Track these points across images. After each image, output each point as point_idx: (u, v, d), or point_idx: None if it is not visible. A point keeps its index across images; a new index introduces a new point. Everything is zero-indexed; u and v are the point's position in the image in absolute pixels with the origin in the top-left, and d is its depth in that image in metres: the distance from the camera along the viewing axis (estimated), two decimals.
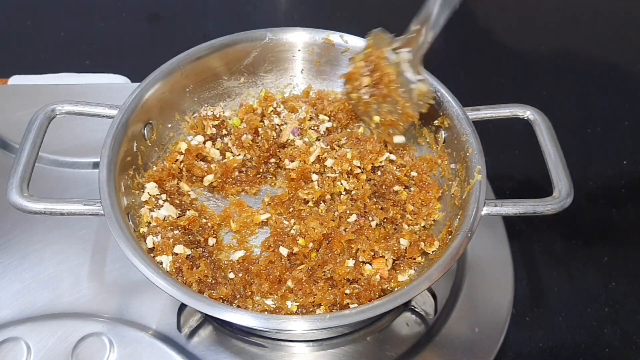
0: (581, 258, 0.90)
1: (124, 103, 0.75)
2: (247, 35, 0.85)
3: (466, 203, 0.69)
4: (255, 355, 0.73)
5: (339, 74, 0.88)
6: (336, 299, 0.68)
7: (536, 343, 0.81)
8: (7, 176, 0.67)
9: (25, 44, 1.19)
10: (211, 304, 0.61)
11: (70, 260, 0.80)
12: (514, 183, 0.99)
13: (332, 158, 0.79)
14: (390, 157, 0.82)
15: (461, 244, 0.65)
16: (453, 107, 0.77)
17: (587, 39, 1.27)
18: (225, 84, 0.88)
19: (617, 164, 1.03)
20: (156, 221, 0.73)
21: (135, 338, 0.72)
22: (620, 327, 0.83)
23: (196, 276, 0.68)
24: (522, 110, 0.77)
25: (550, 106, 1.10)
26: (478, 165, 0.71)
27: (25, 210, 0.66)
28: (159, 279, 0.62)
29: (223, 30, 0.86)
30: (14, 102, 0.97)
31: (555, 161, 0.71)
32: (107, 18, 1.25)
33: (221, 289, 0.68)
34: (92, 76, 1.04)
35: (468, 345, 0.75)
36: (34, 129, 0.72)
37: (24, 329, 0.72)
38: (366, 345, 0.74)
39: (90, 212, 0.66)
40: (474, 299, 0.80)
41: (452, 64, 1.20)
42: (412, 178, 0.81)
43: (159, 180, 0.77)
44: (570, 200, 0.67)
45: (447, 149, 0.79)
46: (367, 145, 0.80)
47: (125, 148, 0.74)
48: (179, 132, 0.85)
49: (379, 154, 0.79)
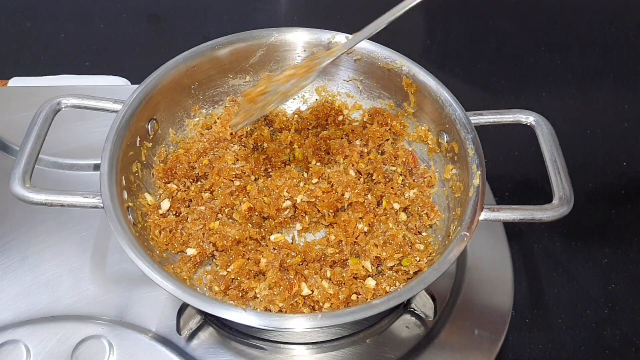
0: (581, 259, 0.90)
1: (129, 98, 0.76)
2: (254, 34, 0.85)
3: (465, 207, 0.69)
4: (254, 357, 0.73)
5: (344, 75, 0.89)
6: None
7: (536, 345, 0.81)
8: (7, 177, 0.67)
9: (25, 46, 1.19)
10: (207, 301, 0.61)
11: (70, 263, 0.80)
12: (513, 184, 0.99)
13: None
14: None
15: (458, 248, 0.65)
16: (455, 110, 0.77)
17: (587, 39, 1.27)
18: (230, 82, 0.88)
19: (617, 165, 1.03)
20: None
21: (135, 340, 0.72)
22: (620, 329, 0.83)
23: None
24: (525, 116, 0.77)
25: (550, 107, 1.11)
26: (478, 171, 0.71)
27: (27, 200, 0.66)
28: (156, 275, 0.62)
29: (223, 31, 0.86)
30: (14, 104, 0.97)
31: (556, 168, 0.71)
32: (107, 19, 1.25)
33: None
34: (92, 78, 1.04)
35: (468, 347, 0.75)
36: (39, 121, 0.72)
37: (24, 332, 0.71)
38: (365, 348, 0.74)
39: (90, 205, 0.67)
40: (474, 300, 0.80)
41: (452, 64, 1.20)
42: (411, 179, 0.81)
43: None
44: (569, 207, 0.67)
45: (449, 152, 0.79)
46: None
47: (128, 143, 0.74)
48: (182, 129, 0.86)
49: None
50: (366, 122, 0.88)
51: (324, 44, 0.86)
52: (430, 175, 0.83)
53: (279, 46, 0.86)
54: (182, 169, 0.80)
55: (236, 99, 0.89)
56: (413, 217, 0.79)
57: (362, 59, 0.86)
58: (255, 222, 0.77)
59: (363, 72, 0.88)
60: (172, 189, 0.79)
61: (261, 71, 0.89)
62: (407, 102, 0.85)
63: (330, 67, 0.88)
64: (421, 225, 0.78)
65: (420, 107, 0.84)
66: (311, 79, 0.73)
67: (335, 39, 0.85)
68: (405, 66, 0.82)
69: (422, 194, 0.81)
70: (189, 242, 0.74)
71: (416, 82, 0.82)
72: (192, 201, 0.79)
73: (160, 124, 0.82)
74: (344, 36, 0.85)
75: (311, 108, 0.90)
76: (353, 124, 0.88)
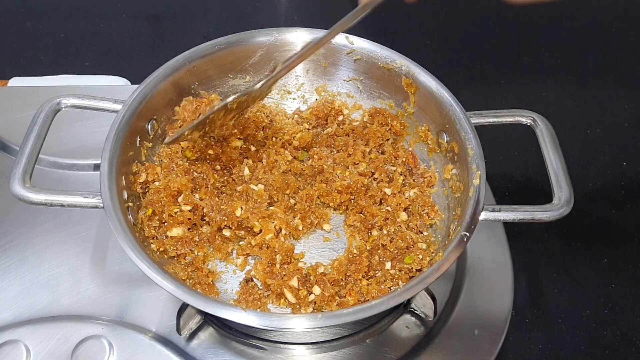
0: (581, 260, 0.90)
1: (129, 98, 0.76)
2: (254, 34, 0.85)
3: (465, 207, 0.69)
4: (254, 357, 0.73)
5: (344, 74, 0.89)
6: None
7: (536, 345, 0.81)
8: (7, 177, 0.67)
9: (25, 46, 1.19)
10: (207, 301, 0.61)
11: (70, 263, 0.80)
12: (513, 184, 0.99)
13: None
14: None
15: (458, 248, 0.65)
16: (455, 111, 0.77)
17: (587, 39, 1.27)
18: (230, 82, 0.88)
19: (617, 165, 1.03)
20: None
21: (135, 340, 0.72)
22: (619, 329, 0.83)
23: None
24: (525, 116, 0.77)
25: (550, 107, 1.10)
26: (478, 171, 0.71)
27: (27, 200, 0.66)
28: (156, 275, 0.62)
29: (223, 31, 0.86)
30: (14, 104, 0.97)
31: (556, 168, 0.71)
32: (107, 19, 1.25)
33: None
34: (92, 78, 1.04)
35: (468, 347, 0.75)
36: (39, 121, 0.72)
37: (24, 332, 0.71)
38: (366, 348, 0.74)
39: (90, 205, 0.67)
40: (474, 300, 0.80)
41: (452, 64, 1.20)
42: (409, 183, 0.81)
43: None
44: (569, 208, 0.67)
45: (449, 152, 0.79)
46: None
47: (128, 143, 0.74)
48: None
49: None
50: (366, 122, 0.88)
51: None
52: (430, 175, 0.83)
53: (279, 46, 0.86)
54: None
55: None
56: (414, 216, 0.79)
57: (362, 59, 0.86)
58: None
59: (363, 72, 0.88)
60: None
61: (261, 71, 0.89)
62: (407, 102, 0.85)
63: (333, 68, 0.89)
64: (422, 224, 0.78)
65: (420, 107, 0.84)
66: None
67: (335, 39, 0.85)
68: (405, 66, 0.82)
69: (422, 194, 0.81)
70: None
71: (416, 82, 0.82)
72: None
73: (160, 124, 0.82)
74: (344, 36, 0.85)
75: (311, 108, 0.90)
76: (353, 123, 0.88)
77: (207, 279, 0.72)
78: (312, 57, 0.88)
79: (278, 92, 0.92)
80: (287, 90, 0.92)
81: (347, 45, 0.86)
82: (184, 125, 0.76)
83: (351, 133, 0.87)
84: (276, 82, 0.74)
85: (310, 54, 0.74)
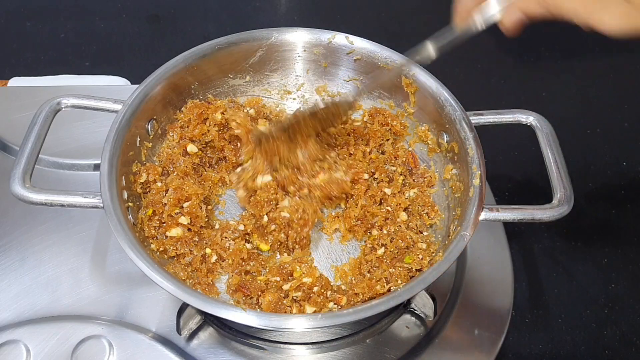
0: (581, 259, 0.90)
1: (129, 98, 0.76)
2: (254, 34, 0.86)
3: (465, 207, 0.69)
4: (254, 357, 0.73)
5: (344, 75, 0.89)
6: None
7: (536, 344, 0.81)
8: (7, 177, 0.67)
9: (25, 46, 1.19)
10: (207, 301, 0.61)
11: (70, 263, 0.80)
12: (513, 184, 0.99)
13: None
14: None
15: (458, 248, 0.65)
16: (456, 110, 0.77)
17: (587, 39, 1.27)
18: (230, 82, 0.88)
19: (617, 165, 1.03)
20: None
21: (135, 340, 0.72)
22: (620, 329, 0.83)
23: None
24: (525, 116, 0.77)
25: (550, 107, 1.10)
26: (478, 171, 0.71)
27: (27, 200, 0.66)
28: (156, 275, 0.62)
29: (223, 31, 0.86)
30: (14, 104, 0.97)
31: (556, 168, 0.71)
32: (107, 19, 1.25)
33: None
34: (92, 78, 1.04)
35: (468, 347, 0.75)
36: (39, 121, 0.73)
37: (24, 332, 0.71)
38: (365, 348, 0.74)
39: (90, 205, 0.67)
40: (474, 300, 0.80)
41: (451, 64, 1.19)
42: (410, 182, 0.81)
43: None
44: (569, 207, 0.67)
45: (449, 152, 0.79)
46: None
47: (128, 143, 0.75)
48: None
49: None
50: (367, 122, 0.88)
51: (324, 44, 0.86)
52: (430, 175, 0.83)
53: (279, 46, 0.86)
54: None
55: (235, 99, 0.89)
56: (414, 216, 0.79)
57: (362, 59, 0.86)
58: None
59: (363, 72, 0.88)
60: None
61: (261, 71, 0.89)
62: (407, 102, 0.85)
63: (333, 68, 0.89)
64: (422, 224, 0.78)
65: (420, 107, 0.84)
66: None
67: (335, 39, 0.85)
68: (405, 66, 0.82)
69: (422, 194, 0.81)
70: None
71: (416, 82, 0.82)
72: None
73: (160, 124, 0.82)
74: (344, 36, 0.85)
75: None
76: (354, 123, 0.88)
77: (207, 279, 0.72)
78: (312, 57, 0.88)
79: (278, 92, 0.92)
80: (287, 90, 0.92)
81: (347, 45, 0.86)
82: (190, 125, 0.81)
83: (352, 133, 0.87)
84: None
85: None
